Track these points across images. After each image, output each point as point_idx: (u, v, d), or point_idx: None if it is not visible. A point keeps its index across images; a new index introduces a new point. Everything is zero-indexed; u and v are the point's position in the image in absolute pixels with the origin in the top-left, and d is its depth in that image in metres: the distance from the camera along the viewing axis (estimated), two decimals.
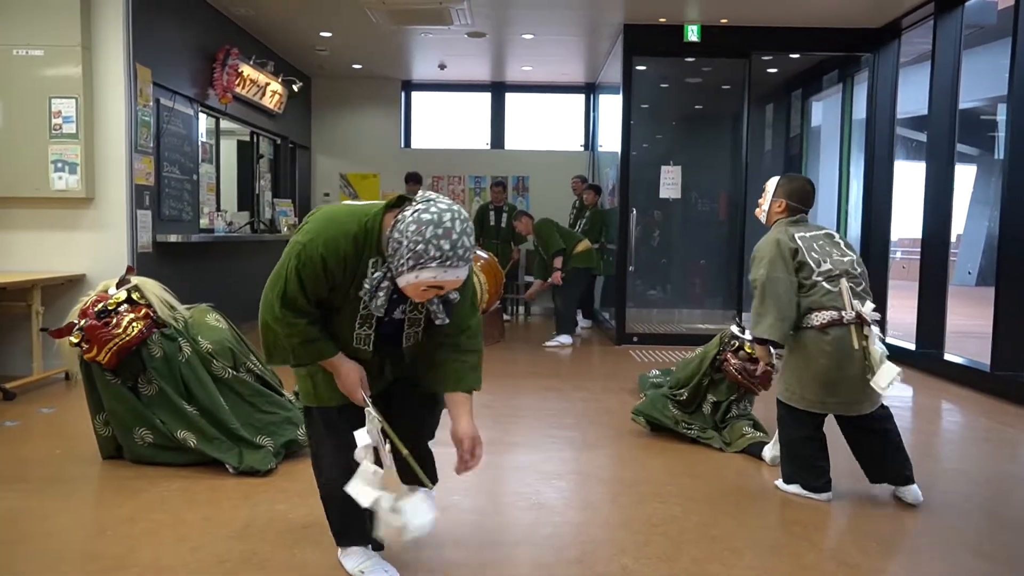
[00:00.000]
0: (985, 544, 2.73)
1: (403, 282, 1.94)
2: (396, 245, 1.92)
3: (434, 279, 1.91)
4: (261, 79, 7.59)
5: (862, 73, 7.54)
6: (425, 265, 1.89)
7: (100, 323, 3.21)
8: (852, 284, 3.06)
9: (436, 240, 1.87)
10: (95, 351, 3.20)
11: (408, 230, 1.90)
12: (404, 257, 1.90)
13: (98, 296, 3.37)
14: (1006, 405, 4.99)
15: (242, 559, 2.44)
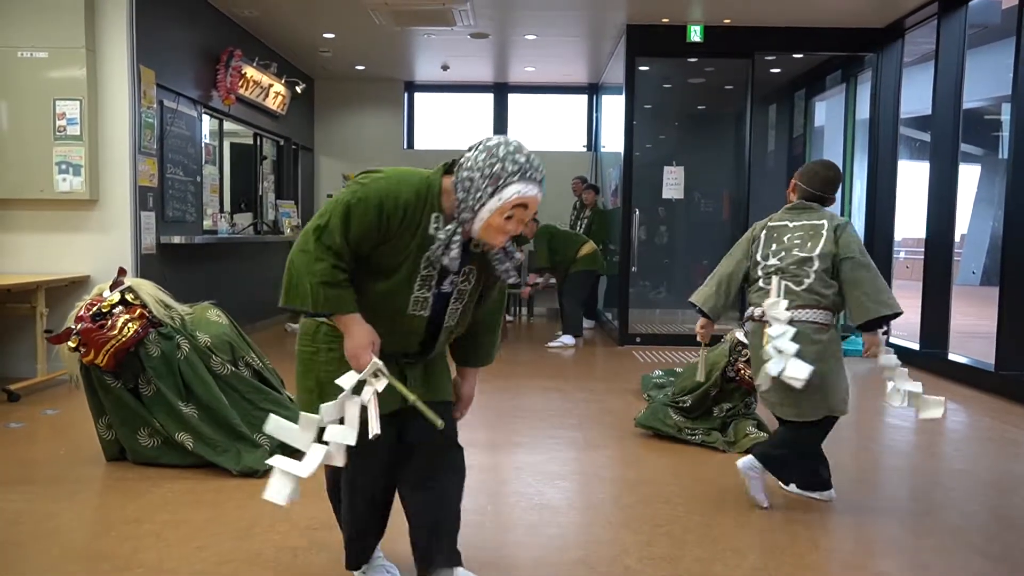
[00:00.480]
0: (989, 544, 2.73)
1: (484, 215, 1.87)
2: (468, 182, 1.88)
3: (519, 195, 1.86)
4: (264, 80, 7.60)
5: (865, 73, 7.53)
6: (507, 182, 1.85)
7: (95, 326, 3.23)
8: (790, 282, 2.94)
9: (510, 155, 1.86)
10: (92, 354, 3.22)
11: (479, 159, 1.88)
12: (481, 186, 1.86)
13: (93, 299, 3.38)
14: (1010, 405, 4.98)
15: (247, 559, 2.45)
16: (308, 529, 2.71)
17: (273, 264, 8.42)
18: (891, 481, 3.46)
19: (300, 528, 2.71)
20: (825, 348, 2.90)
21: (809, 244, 2.97)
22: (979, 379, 5.47)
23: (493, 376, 5.70)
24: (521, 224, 1.91)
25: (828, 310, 2.93)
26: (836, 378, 2.94)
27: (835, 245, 2.93)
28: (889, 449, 4.00)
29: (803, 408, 2.93)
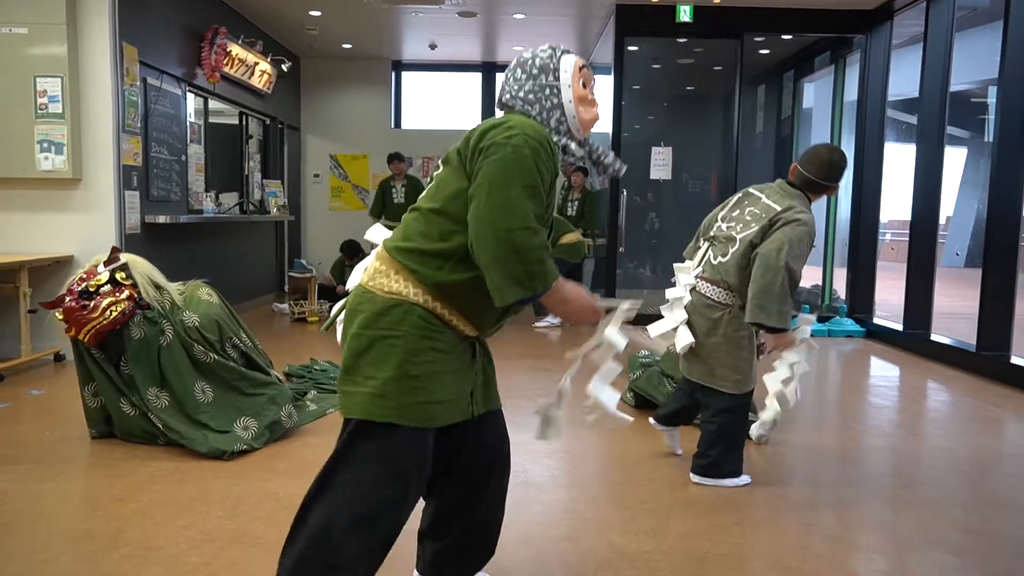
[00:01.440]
0: (968, 518, 2.78)
1: (566, 94, 1.77)
2: (531, 94, 1.78)
3: (572, 57, 1.83)
4: (250, 59, 7.52)
5: (854, 55, 7.53)
6: (558, 60, 1.80)
7: (79, 305, 3.24)
8: (715, 251, 3.02)
9: (540, 51, 1.82)
10: (74, 331, 3.27)
11: (520, 72, 1.81)
12: (544, 81, 1.77)
13: (86, 272, 3.39)
14: (991, 384, 5.04)
15: (233, 537, 2.46)
16: (294, 507, 2.70)
17: (259, 244, 8.39)
18: (873, 459, 3.51)
19: (286, 506, 2.72)
20: (714, 326, 2.97)
21: (745, 225, 2.95)
22: (961, 359, 5.54)
23: None
24: (592, 83, 1.84)
25: (730, 291, 2.94)
26: (725, 357, 2.96)
27: (761, 237, 2.87)
28: (872, 428, 4.05)
29: (692, 370, 3.09)
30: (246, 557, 2.32)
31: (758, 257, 2.83)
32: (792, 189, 3.02)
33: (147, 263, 3.53)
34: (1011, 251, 5.27)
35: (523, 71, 1.79)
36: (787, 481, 3.14)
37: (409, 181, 8.75)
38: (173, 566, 2.26)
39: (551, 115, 1.77)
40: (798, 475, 3.24)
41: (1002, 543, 2.58)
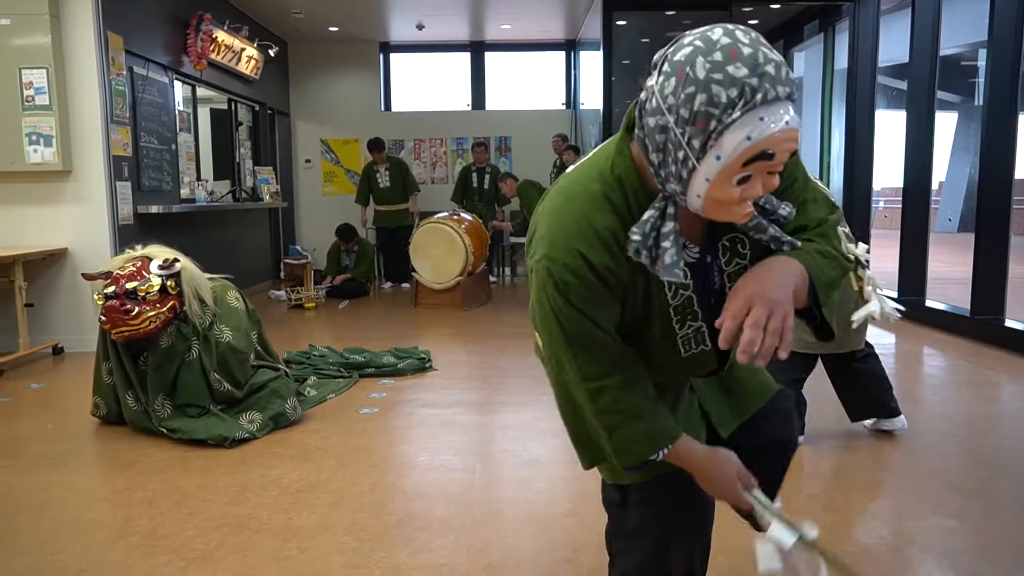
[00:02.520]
0: (965, 481, 2.81)
1: (701, 187, 1.10)
2: (660, 134, 1.11)
3: (751, 139, 1.05)
4: (236, 44, 7.45)
5: (843, 22, 7.49)
6: (724, 124, 1.05)
7: (121, 307, 3.22)
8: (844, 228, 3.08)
9: (720, 70, 1.05)
10: (107, 325, 3.28)
11: (667, 90, 1.09)
12: (683, 137, 1.08)
13: (140, 266, 3.36)
14: (986, 348, 5.08)
15: (239, 523, 2.48)
16: (298, 492, 2.74)
17: (254, 231, 8.37)
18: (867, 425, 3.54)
19: (291, 492, 2.74)
20: None
21: None
22: (956, 324, 5.57)
23: (479, 336, 5.73)
24: (770, 178, 1.12)
25: None
26: None
27: None
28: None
29: (857, 338, 3.14)
30: (252, 542, 2.35)
31: None
32: None
33: (199, 274, 3.52)
34: (1003, 215, 5.28)
35: (675, 90, 1.08)
36: None
37: (392, 163, 8.72)
38: (180, 553, 2.28)
39: (669, 182, 1.14)
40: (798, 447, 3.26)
41: (998, 505, 2.62)
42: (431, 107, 10.24)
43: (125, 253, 3.50)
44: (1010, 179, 5.28)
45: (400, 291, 8.42)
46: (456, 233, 6.99)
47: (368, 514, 2.55)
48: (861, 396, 3.26)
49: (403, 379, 4.42)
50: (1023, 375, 4.45)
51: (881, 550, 2.29)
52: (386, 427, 3.55)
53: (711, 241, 1.30)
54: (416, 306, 7.18)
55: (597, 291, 1.21)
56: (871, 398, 3.26)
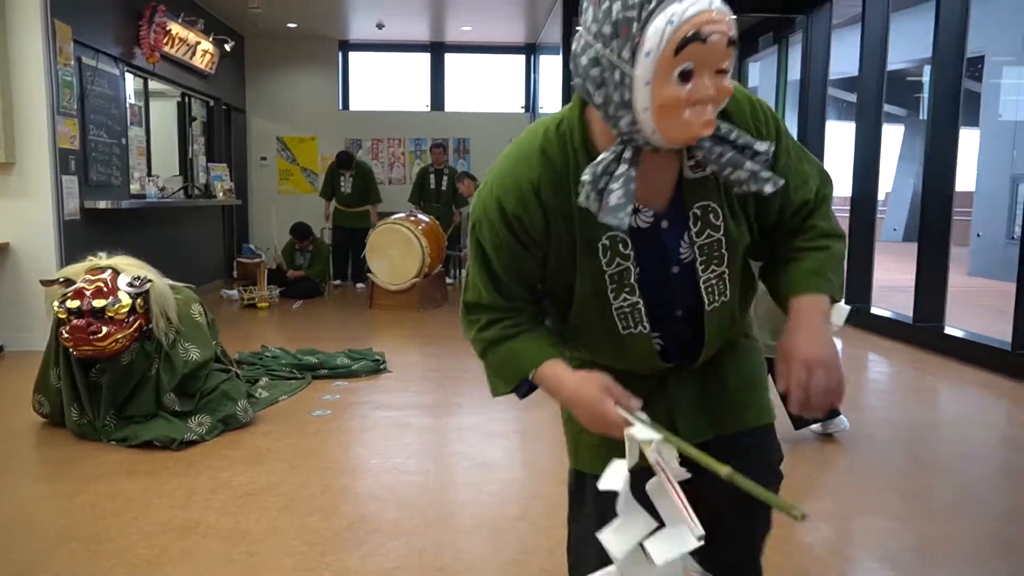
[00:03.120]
0: (905, 484, 2.90)
1: (643, 94, 1.05)
2: (594, 66, 1.08)
3: (673, 23, 1.01)
4: (191, 38, 7.32)
5: (796, 35, 7.65)
6: (640, 20, 1.02)
7: (87, 326, 3.09)
8: None
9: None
10: (71, 343, 3.13)
11: (588, 23, 1.09)
12: (615, 49, 1.05)
13: (108, 279, 3.21)
14: (927, 355, 5.24)
15: (185, 528, 2.43)
16: (248, 495, 2.70)
17: (206, 229, 8.21)
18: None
19: (240, 495, 2.70)
20: None
21: None
22: (899, 331, 5.73)
23: (435, 338, 5.72)
24: (717, 77, 1.07)
25: None
26: None
27: None
28: None
29: None
30: (199, 547, 2.30)
31: None
32: None
33: (168, 291, 3.40)
34: (944, 225, 5.46)
35: (598, 13, 1.07)
36: None
37: (358, 172, 8.64)
38: (124, 558, 2.23)
39: (619, 116, 1.09)
40: None
41: (937, 507, 2.71)
42: (390, 107, 10.18)
43: (87, 260, 3.35)
44: (951, 191, 5.47)
45: (354, 291, 8.35)
46: (413, 234, 6.96)
47: (319, 517, 2.53)
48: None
49: (357, 381, 4.39)
50: (962, 381, 4.61)
51: (824, 550, 2.35)
52: (339, 429, 3.52)
53: (680, 209, 1.22)
54: (371, 307, 7.13)
55: (503, 236, 1.23)
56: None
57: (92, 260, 3.35)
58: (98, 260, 3.34)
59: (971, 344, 5.03)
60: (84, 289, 3.16)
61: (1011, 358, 4.61)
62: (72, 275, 3.26)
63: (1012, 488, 2.95)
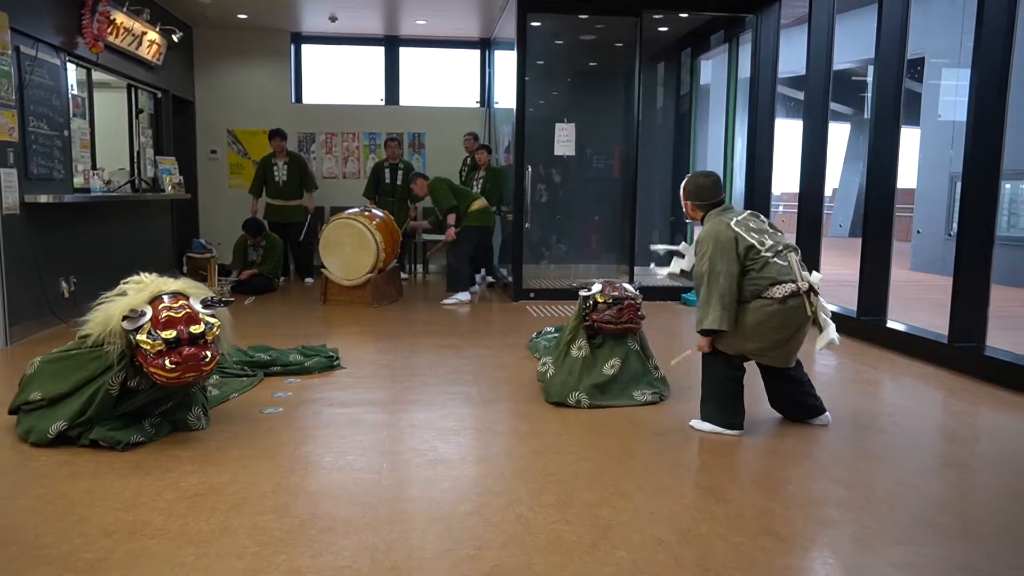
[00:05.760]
0: (846, 474, 2.99)
1: None
2: None
3: None
4: (136, 28, 7.12)
5: (746, 33, 7.79)
6: None
7: (197, 352, 3.06)
8: (794, 253, 3.39)
9: None
10: (176, 373, 3.02)
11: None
12: None
13: (187, 306, 3.14)
14: (869, 348, 5.41)
15: (131, 530, 2.39)
16: (196, 495, 2.66)
17: (154, 224, 8.02)
18: (764, 423, 3.71)
19: (188, 495, 2.66)
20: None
21: (768, 225, 3.46)
22: (844, 325, 5.88)
23: (389, 334, 5.69)
24: None
25: None
26: None
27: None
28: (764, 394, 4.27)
29: (793, 358, 3.51)
30: (145, 550, 2.26)
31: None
32: (727, 205, 3.57)
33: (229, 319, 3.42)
34: (886, 221, 5.63)
35: None
36: (686, 449, 3.30)
37: (292, 159, 8.57)
38: (66, 563, 2.18)
39: None
40: (696, 443, 3.40)
41: (875, 496, 2.80)
42: (344, 100, 10.07)
43: (131, 283, 3.26)
44: (893, 188, 5.63)
45: (304, 287, 8.25)
46: (367, 229, 6.91)
47: (270, 517, 2.50)
48: (795, 402, 3.59)
49: (310, 378, 4.35)
50: (902, 373, 4.76)
51: (769, 540, 2.42)
52: (291, 427, 3.48)
53: None
54: (325, 303, 7.06)
55: None
56: (802, 404, 3.59)
57: (136, 282, 3.26)
58: (145, 282, 3.26)
59: (911, 337, 5.21)
60: (172, 318, 3.06)
61: (948, 351, 4.79)
62: (138, 305, 3.10)
63: (947, 477, 3.07)
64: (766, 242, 3.36)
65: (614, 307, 3.89)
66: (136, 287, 3.24)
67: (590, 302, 3.96)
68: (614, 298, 3.92)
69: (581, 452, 3.18)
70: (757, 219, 3.48)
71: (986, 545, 2.41)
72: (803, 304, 3.33)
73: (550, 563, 2.23)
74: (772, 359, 3.45)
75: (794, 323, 3.34)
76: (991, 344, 4.69)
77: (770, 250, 3.35)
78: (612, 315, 3.89)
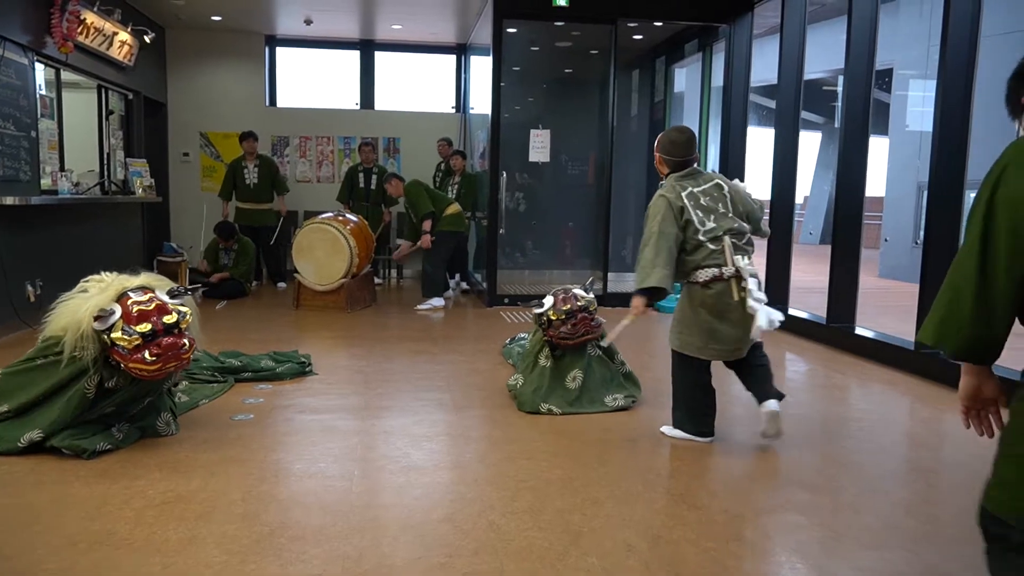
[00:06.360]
0: (813, 478, 3.03)
1: None
2: None
3: None
4: (108, 28, 7.03)
5: (720, 43, 7.88)
6: None
7: (176, 339, 3.03)
8: (735, 240, 3.32)
9: None
10: (156, 365, 2.99)
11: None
12: None
13: (158, 298, 3.11)
14: (839, 354, 5.48)
15: (96, 540, 2.35)
16: (164, 504, 2.63)
17: (124, 227, 7.91)
18: (733, 429, 3.75)
19: (156, 504, 2.62)
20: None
21: (722, 205, 3.35)
22: (814, 331, 5.98)
23: (363, 339, 5.66)
24: None
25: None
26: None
27: (740, 202, 3.43)
28: (735, 399, 4.32)
29: (743, 345, 3.39)
30: (109, 560, 2.23)
31: (757, 216, 3.50)
32: (690, 170, 3.46)
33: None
34: (855, 229, 5.72)
35: None
36: (657, 455, 3.32)
37: (263, 162, 8.52)
38: (30, 574, 2.14)
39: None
40: (668, 449, 3.42)
41: (842, 501, 2.84)
42: (318, 104, 10.02)
43: (90, 283, 3.21)
44: (861, 196, 5.73)
45: (276, 292, 8.19)
46: (341, 234, 6.87)
47: (239, 525, 2.48)
48: (764, 380, 3.48)
49: (282, 384, 4.31)
50: (869, 379, 4.84)
51: (738, 546, 2.44)
52: (262, 434, 3.45)
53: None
54: (298, 307, 7.00)
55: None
56: (752, 385, 3.51)
57: (95, 281, 3.22)
58: (107, 281, 3.21)
59: (879, 344, 5.29)
60: (145, 311, 3.03)
61: (915, 357, 4.87)
62: (106, 304, 3.06)
63: (912, 481, 3.12)
64: (707, 224, 3.30)
65: (568, 322, 3.86)
66: (99, 286, 3.20)
67: (544, 319, 3.95)
68: (567, 312, 3.88)
69: (553, 459, 3.19)
70: (718, 192, 3.39)
71: (951, 548, 2.45)
72: (728, 289, 3.28)
73: (521, 570, 2.23)
74: (719, 352, 3.39)
75: (717, 309, 3.30)
76: None
77: (707, 234, 3.30)
78: (568, 331, 3.88)
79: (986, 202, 1.55)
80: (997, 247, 1.53)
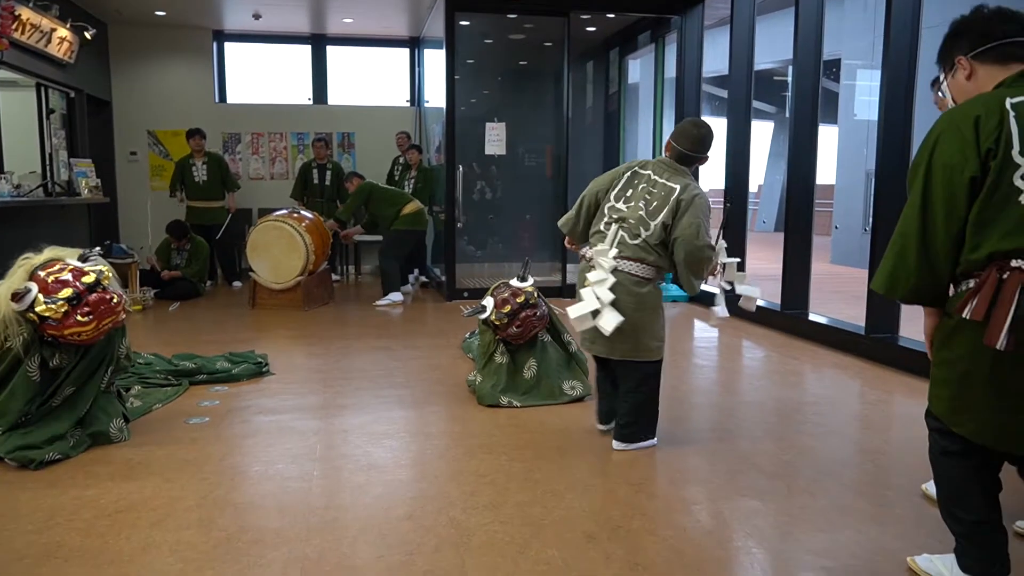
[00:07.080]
0: (770, 464, 3.09)
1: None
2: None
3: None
4: (45, 24, 6.81)
5: (672, 34, 7.95)
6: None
7: (101, 295, 2.96)
8: (626, 232, 3.13)
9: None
10: (92, 325, 2.94)
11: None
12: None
13: (70, 263, 3.03)
14: (793, 340, 5.59)
15: (45, 553, 2.28)
16: (117, 512, 2.57)
17: (70, 229, 7.68)
18: (695, 416, 3.80)
19: (108, 513, 2.56)
20: (642, 300, 3.13)
21: (655, 206, 3.11)
22: (769, 318, 6.08)
23: (320, 337, 5.60)
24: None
25: (653, 267, 3.14)
26: (650, 327, 3.18)
27: (671, 218, 3.08)
28: (695, 388, 4.38)
29: (614, 349, 3.18)
30: (61, 573, 2.17)
31: (680, 243, 3.06)
32: (677, 165, 3.21)
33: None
34: (806, 217, 5.83)
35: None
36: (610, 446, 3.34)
37: (211, 159, 8.38)
38: None
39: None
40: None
41: (796, 485, 2.90)
42: (270, 100, 9.85)
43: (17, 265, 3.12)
44: (812, 184, 5.84)
45: (230, 291, 8.05)
46: (296, 231, 6.78)
47: (195, 531, 2.44)
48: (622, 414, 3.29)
49: (238, 385, 4.25)
50: (823, 364, 4.94)
51: (697, 533, 2.48)
52: (218, 437, 3.39)
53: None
54: (253, 307, 6.90)
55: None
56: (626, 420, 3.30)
57: (24, 263, 3.14)
58: (33, 260, 3.14)
59: (831, 329, 5.41)
60: (61, 278, 2.98)
61: (865, 342, 4.99)
62: (18, 284, 3.00)
63: (863, 463, 3.20)
64: (618, 204, 3.17)
65: (513, 322, 3.85)
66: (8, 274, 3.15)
67: (490, 324, 3.93)
68: (509, 314, 3.83)
69: (514, 452, 3.20)
70: (664, 195, 3.10)
71: (897, 527, 2.52)
72: (582, 274, 3.22)
73: (482, 564, 2.23)
74: (583, 340, 3.30)
75: (578, 289, 3.21)
76: (904, 335, 4.90)
77: (610, 211, 3.18)
78: (516, 332, 3.87)
79: (925, 165, 1.83)
80: (935, 208, 1.81)
